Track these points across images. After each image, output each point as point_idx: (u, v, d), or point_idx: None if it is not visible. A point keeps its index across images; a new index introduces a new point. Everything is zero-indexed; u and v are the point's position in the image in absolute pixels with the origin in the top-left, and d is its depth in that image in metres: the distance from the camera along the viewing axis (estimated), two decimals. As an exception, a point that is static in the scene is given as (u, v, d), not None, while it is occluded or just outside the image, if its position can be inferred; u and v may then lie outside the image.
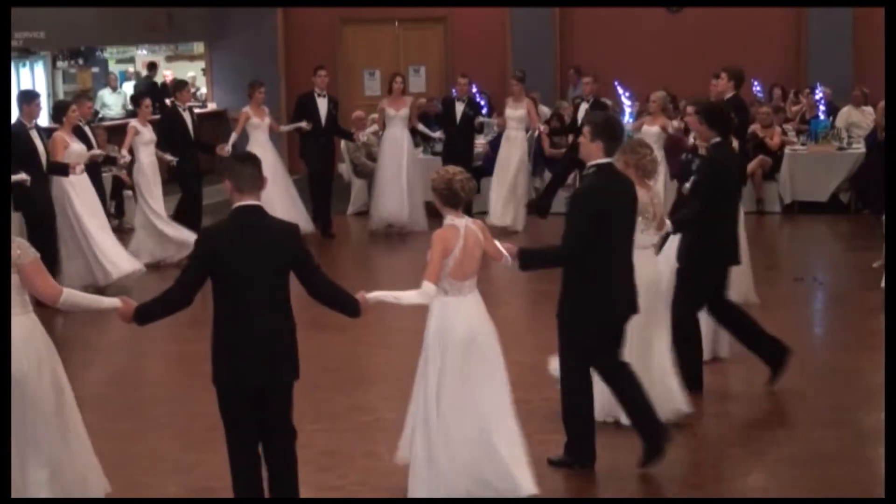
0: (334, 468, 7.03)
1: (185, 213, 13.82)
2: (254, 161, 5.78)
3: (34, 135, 11.51)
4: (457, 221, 6.31)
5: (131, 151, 13.32)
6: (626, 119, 16.41)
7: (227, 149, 13.81)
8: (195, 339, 10.12)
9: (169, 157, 13.59)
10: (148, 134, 13.46)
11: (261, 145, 14.16)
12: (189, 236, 12.42)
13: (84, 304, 6.04)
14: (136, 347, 10.12)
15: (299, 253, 5.69)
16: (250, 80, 15.29)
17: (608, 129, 6.77)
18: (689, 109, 9.23)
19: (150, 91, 19.44)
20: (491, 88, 18.51)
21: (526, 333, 9.95)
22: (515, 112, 15.36)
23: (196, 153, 14.17)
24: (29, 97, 11.82)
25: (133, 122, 13.66)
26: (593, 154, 6.73)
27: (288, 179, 14.88)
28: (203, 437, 7.46)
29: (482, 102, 17.41)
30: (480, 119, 15.69)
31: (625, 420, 7.14)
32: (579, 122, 16.26)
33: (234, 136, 14.40)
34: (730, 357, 8.73)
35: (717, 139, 8.01)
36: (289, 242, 5.67)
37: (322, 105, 15.06)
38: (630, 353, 7.01)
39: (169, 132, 13.94)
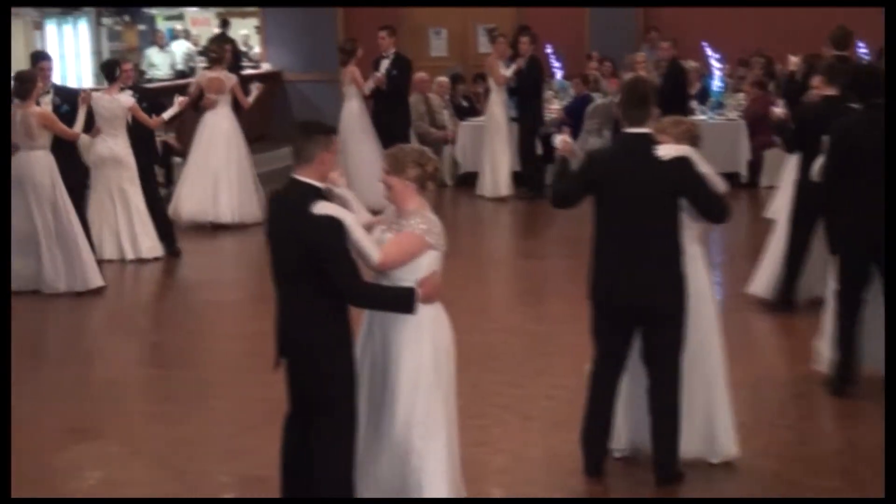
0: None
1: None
2: (302, 129, 5.65)
3: None
4: None
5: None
6: (717, 84, 16.27)
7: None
8: (255, 316, 10.28)
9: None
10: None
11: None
12: None
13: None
14: (186, 325, 10.23)
15: (315, 250, 5.45)
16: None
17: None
18: None
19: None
20: (566, 48, 18.40)
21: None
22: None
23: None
24: None
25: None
26: None
27: None
28: (257, 422, 7.52)
29: (557, 64, 17.36)
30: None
31: None
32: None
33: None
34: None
35: None
36: (305, 236, 5.47)
37: (381, 68, 15.10)
38: None
39: None
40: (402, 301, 5.59)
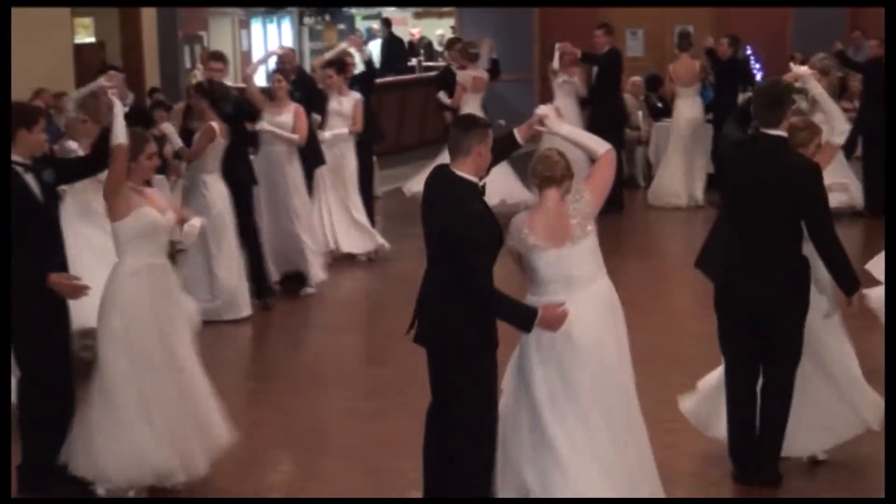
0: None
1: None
2: (460, 123, 5.95)
3: None
4: None
5: None
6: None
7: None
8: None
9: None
10: None
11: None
12: None
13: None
14: (379, 324, 10.37)
15: (455, 238, 5.62)
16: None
17: None
18: None
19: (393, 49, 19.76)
20: (767, 49, 18.10)
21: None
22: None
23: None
24: None
25: None
26: None
27: None
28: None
29: (757, 65, 17.10)
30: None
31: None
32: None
33: None
34: None
35: None
36: (456, 230, 5.62)
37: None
38: None
39: None
40: (522, 318, 5.69)
